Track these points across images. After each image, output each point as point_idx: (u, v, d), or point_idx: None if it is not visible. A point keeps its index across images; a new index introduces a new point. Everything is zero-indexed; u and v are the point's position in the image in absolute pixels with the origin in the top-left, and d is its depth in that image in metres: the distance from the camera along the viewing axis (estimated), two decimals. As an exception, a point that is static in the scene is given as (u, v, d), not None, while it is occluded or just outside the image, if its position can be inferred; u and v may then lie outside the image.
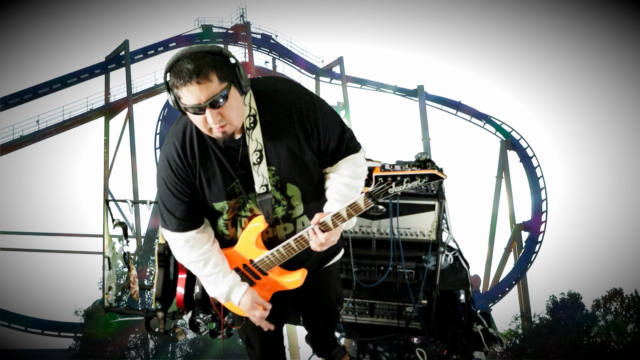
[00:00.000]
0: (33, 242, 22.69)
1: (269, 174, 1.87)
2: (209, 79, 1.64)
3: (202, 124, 1.74)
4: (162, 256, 3.35)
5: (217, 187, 1.88)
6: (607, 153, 58.98)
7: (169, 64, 1.68)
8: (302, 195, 1.94)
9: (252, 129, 1.81)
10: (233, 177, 1.87)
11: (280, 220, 1.95)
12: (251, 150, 1.83)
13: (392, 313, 3.31)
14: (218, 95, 1.66)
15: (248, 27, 24.98)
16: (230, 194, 1.90)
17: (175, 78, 1.66)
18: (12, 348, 19.57)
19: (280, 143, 1.84)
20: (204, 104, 1.67)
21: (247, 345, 2.49)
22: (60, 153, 69.42)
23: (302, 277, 2.04)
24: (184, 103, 1.70)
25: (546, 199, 22.94)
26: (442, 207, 3.10)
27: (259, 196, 1.88)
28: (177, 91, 1.68)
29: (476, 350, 3.20)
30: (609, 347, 18.73)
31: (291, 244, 1.91)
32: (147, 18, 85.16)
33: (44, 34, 77.43)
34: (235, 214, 1.96)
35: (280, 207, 1.93)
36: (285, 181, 1.89)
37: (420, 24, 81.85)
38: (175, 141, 1.85)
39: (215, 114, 1.69)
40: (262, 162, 1.84)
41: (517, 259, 22.72)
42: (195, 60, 1.64)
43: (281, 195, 1.91)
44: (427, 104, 24.58)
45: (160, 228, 2.09)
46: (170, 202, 1.91)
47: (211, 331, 3.29)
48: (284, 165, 1.86)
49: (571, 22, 66.62)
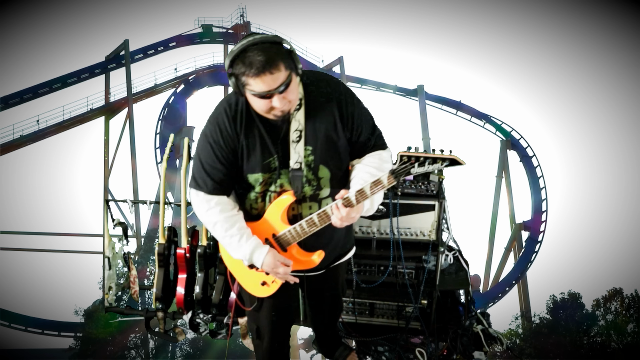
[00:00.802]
0: (33, 242, 22.74)
1: (304, 153, 2.03)
2: (279, 69, 1.83)
3: (264, 106, 1.90)
4: (162, 256, 3.37)
5: (255, 159, 2.03)
6: (607, 153, 58.98)
7: (235, 53, 1.85)
8: (330, 179, 2.08)
9: (297, 111, 2.00)
10: (271, 152, 2.02)
11: (307, 198, 2.09)
12: (292, 129, 2.01)
13: (392, 313, 3.31)
14: (285, 82, 1.85)
15: (248, 27, 25.00)
16: (265, 168, 2.04)
17: (246, 67, 1.83)
18: (12, 348, 19.59)
19: (319, 126, 2.02)
20: (274, 91, 1.85)
21: (257, 337, 2.49)
22: (60, 153, 69.49)
23: (318, 258, 2.14)
24: (252, 90, 1.86)
25: (546, 199, 22.96)
26: (442, 207, 3.10)
27: (292, 171, 2.03)
28: (245, 79, 1.85)
29: (476, 350, 3.20)
30: (609, 346, 18.74)
31: (314, 218, 2.02)
32: (147, 18, 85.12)
33: (44, 34, 77.40)
34: (266, 188, 2.08)
35: (310, 186, 2.07)
36: (319, 162, 2.05)
37: (420, 24, 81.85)
38: (227, 109, 2.02)
39: (281, 98, 1.88)
40: (300, 141, 2.01)
41: (517, 259, 22.73)
42: (265, 52, 1.81)
43: (312, 175, 2.06)
44: (427, 103, 24.58)
45: (188, 189, 2.18)
46: (211, 165, 2.05)
47: (211, 331, 3.30)
48: (320, 147, 2.03)
49: (571, 22, 66.64)
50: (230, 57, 1.86)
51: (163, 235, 3.36)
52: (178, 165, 17.71)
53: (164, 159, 3.53)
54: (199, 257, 3.25)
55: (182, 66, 24.10)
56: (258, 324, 2.46)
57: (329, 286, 2.51)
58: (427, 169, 1.89)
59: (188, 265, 3.31)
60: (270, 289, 2.23)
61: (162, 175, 3.69)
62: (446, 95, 24.84)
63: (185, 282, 3.32)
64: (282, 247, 2.11)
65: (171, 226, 3.46)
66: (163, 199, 3.54)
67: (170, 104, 22.75)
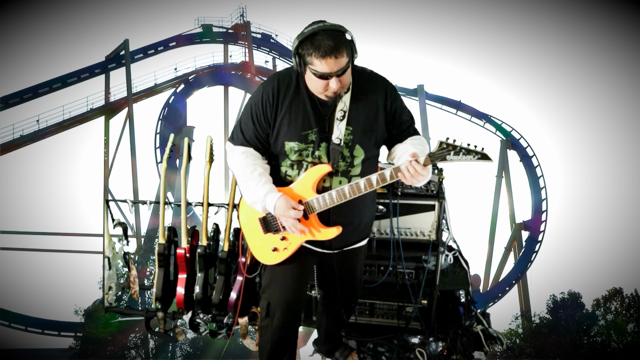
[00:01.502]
0: (33, 242, 22.76)
1: (345, 132, 2.22)
2: (342, 55, 2.04)
3: (321, 86, 2.10)
4: (162, 256, 3.36)
5: (295, 128, 2.21)
6: (607, 153, 58.98)
7: (306, 35, 2.04)
8: (363, 160, 2.27)
9: (345, 94, 2.20)
10: (312, 125, 2.21)
11: (339, 173, 2.25)
12: (338, 108, 2.20)
13: (392, 313, 3.31)
14: (344, 68, 2.06)
15: (248, 27, 24.97)
16: (303, 138, 2.22)
17: (314, 49, 2.03)
18: (12, 347, 19.59)
19: (362, 110, 2.22)
20: (335, 73, 2.05)
21: (267, 314, 2.46)
22: (60, 153, 69.52)
23: (337, 231, 2.25)
24: (315, 69, 2.06)
25: (546, 199, 22.95)
26: (442, 207, 3.10)
27: (333, 145, 2.21)
28: (310, 59, 2.05)
29: (476, 350, 3.20)
30: (609, 346, 18.73)
31: (345, 189, 2.18)
32: (147, 18, 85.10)
33: (44, 34, 77.38)
34: (301, 159, 2.24)
35: (344, 162, 2.24)
36: (356, 142, 2.23)
37: (420, 24, 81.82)
38: (279, 78, 2.24)
39: (337, 81, 2.08)
40: (343, 120, 2.21)
41: (517, 259, 22.72)
42: (334, 38, 2.02)
43: (348, 152, 2.24)
44: (427, 103, 24.57)
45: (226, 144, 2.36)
46: (246, 123, 2.28)
47: (211, 331, 3.30)
48: (360, 128, 2.23)
49: (571, 22, 66.61)
50: (300, 37, 2.05)
51: (163, 235, 3.35)
52: (178, 165, 17.63)
53: (164, 159, 3.52)
54: (199, 257, 3.25)
55: (182, 66, 24.12)
56: (269, 299, 2.44)
57: (346, 269, 2.55)
58: (460, 158, 2.05)
59: (188, 265, 3.31)
60: (280, 255, 2.33)
61: (162, 175, 3.69)
62: (446, 95, 24.83)
63: (185, 282, 3.32)
64: (304, 214, 2.22)
65: (171, 226, 3.45)
66: (163, 199, 3.54)
67: (170, 104, 22.74)
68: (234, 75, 24.21)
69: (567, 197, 56.21)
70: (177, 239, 3.41)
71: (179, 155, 15.80)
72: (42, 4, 60.03)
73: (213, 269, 3.32)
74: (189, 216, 3.27)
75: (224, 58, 25.00)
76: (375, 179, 2.15)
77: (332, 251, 2.37)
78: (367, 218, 2.43)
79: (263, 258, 2.39)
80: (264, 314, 2.48)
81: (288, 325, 2.47)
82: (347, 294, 2.68)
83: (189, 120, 23.18)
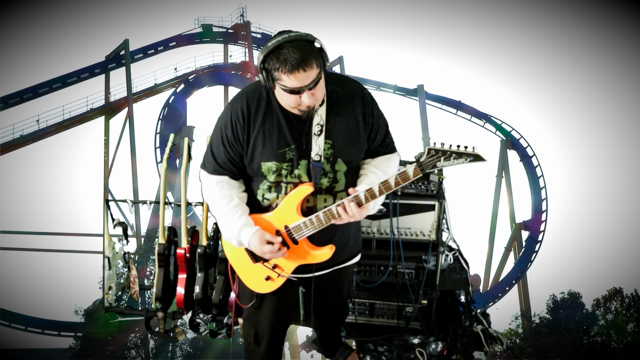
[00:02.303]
0: (33, 241, 22.74)
1: (325, 147, 2.07)
2: (312, 67, 1.88)
3: (293, 102, 1.95)
4: (162, 256, 3.37)
5: (271, 147, 2.06)
6: (607, 153, 58.99)
7: (270, 49, 1.89)
8: (346, 172, 2.12)
9: (320, 106, 2.05)
10: (288, 142, 2.05)
11: (323, 190, 2.11)
12: (314, 123, 2.06)
13: (392, 313, 3.31)
14: (315, 80, 1.91)
15: (248, 27, 24.98)
16: (280, 157, 2.06)
17: (280, 64, 1.88)
18: (12, 347, 19.59)
19: (340, 121, 2.08)
20: (306, 87, 1.90)
21: (254, 341, 2.45)
22: (60, 153, 69.53)
23: (330, 251, 2.13)
24: (284, 85, 1.91)
25: (546, 199, 22.96)
26: (442, 207, 3.10)
27: (313, 163, 2.06)
28: (278, 74, 1.90)
29: (476, 350, 3.20)
30: (609, 346, 18.74)
31: (332, 210, 2.03)
32: (147, 18, 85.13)
33: (44, 34, 77.40)
34: (280, 179, 2.10)
35: (327, 178, 2.10)
36: (337, 156, 2.09)
37: (420, 24, 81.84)
38: (247, 94, 2.08)
39: (310, 94, 1.93)
40: (321, 135, 2.06)
41: (517, 259, 22.73)
42: (300, 50, 1.86)
43: (330, 168, 2.09)
44: (427, 103, 24.57)
45: (200, 172, 2.22)
46: (217, 147, 2.12)
47: (211, 331, 3.30)
48: (340, 141, 2.08)
49: (571, 22, 66.62)
50: (264, 52, 1.91)
51: (163, 235, 3.36)
52: (178, 165, 17.68)
53: (164, 159, 3.52)
54: (199, 257, 3.25)
55: (182, 66, 24.14)
56: (256, 327, 2.41)
57: (334, 290, 2.47)
58: (452, 163, 1.95)
59: (188, 265, 3.31)
60: (276, 283, 2.20)
61: (162, 175, 3.69)
62: (446, 95, 24.85)
63: (185, 282, 3.32)
64: (293, 239, 2.09)
65: (171, 226, 3.46)
66: (163, 199, 3.54)
67: (170, 104, 22.75)
68: (234, 75, 24.23)
69: (567, 197, 56.25)
70: (177, 239, 3.42)
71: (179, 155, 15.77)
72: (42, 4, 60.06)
73: (213, 269, 3.32)
74: (189, 216, 3.27)
75: (224, 58, 25.02)
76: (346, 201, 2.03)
77: (323, 272, 2.24)
78: (350, 233, 2.28)
79: (258, 287, 2.25)
80: (250, 341, 2.46)
81: (274, 347, 2.48)
82: (338, 313, 2.69)
83: (189, 120, 23.22)
